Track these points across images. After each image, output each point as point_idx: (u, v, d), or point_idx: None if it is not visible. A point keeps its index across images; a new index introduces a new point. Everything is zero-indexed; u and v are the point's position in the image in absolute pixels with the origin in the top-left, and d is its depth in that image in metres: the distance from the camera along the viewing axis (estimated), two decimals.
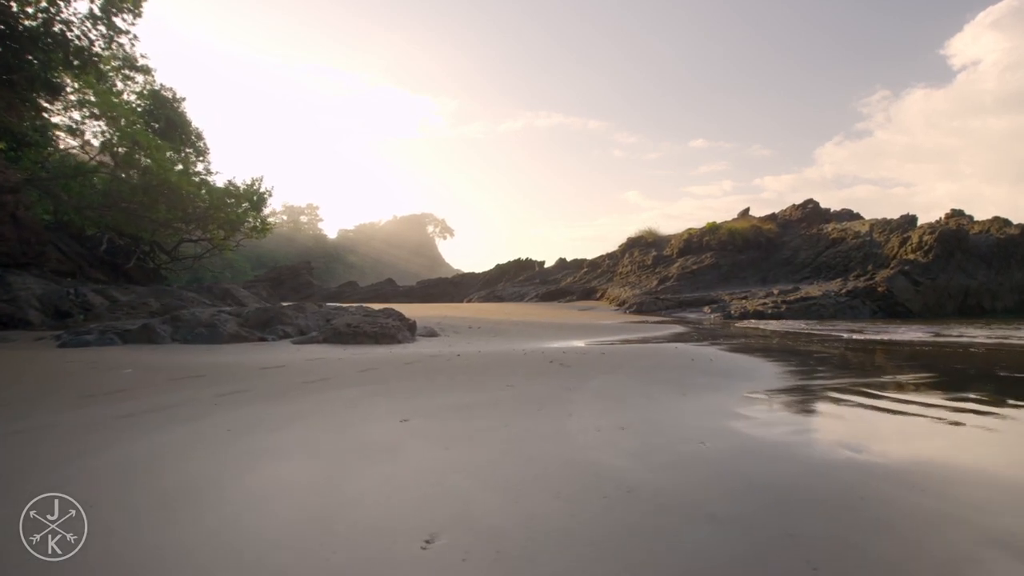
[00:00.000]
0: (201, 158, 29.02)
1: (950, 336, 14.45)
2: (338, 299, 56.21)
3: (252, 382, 6.45)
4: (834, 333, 16.18)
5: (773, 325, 21.51)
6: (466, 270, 70.96)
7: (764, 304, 27.52)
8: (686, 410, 5.05)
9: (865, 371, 8.19)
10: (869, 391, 6.21)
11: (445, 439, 4.00)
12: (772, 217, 42.58)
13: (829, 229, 37.22)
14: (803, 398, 5.83)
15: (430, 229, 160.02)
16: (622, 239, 47.76)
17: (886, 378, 7.32)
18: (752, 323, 23.57)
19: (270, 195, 25.67)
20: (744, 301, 29.77)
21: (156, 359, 8.45)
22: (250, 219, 24.70)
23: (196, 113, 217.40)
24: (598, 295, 38.97)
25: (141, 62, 25.90)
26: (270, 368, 7.56)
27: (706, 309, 29.19)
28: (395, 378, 6.82)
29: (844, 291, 27.30)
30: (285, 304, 15.00)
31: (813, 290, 28.72)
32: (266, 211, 26.54)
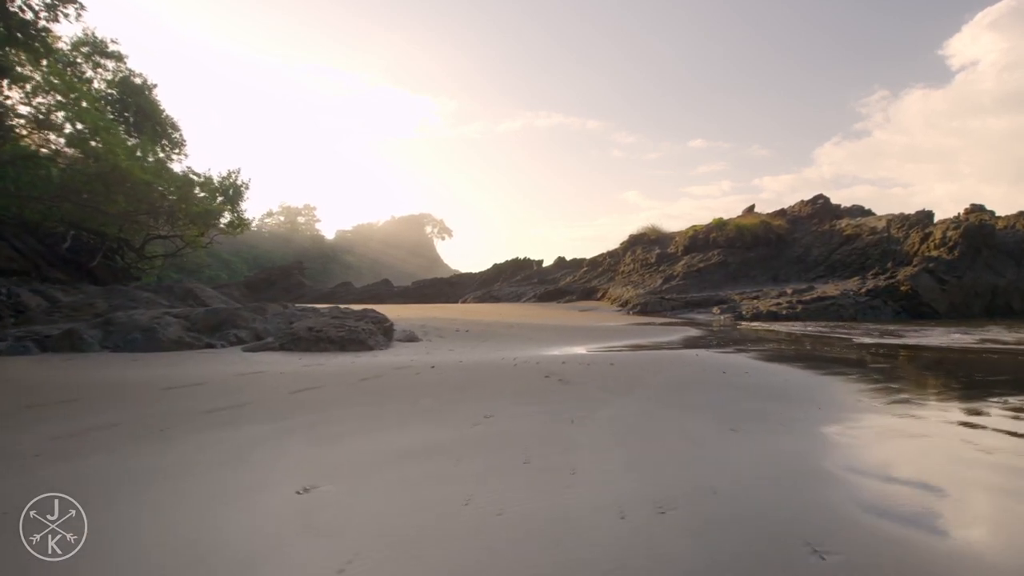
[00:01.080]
0: (177, 151, 27.24)
1: (1005, 342, 12.67)
2: (331, 300, 54.44)
3: (135, 410, 4.68)
4: (869, 337, 14.39)
5: (791, 327, 19.72)
6: (465, 271, 69.27)
7: (778, 304, 25.73)
8: (754, 463, 3.26)
9: (962, 387, 6.41)
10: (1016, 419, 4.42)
11: (353, 537, 2.22)
12: (781, 213, 40.82)
13: (842, 225, 35.46)
14: (928, 435, 4.02)
15: (428, 230, 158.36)
16: (622, 239, 46.06)
17: (995, 399, 5.52)
18: (766, 325, 21.78)
19: (247, 188, 23.92)
20: (756, 301, 27.98)
21: (46, 374, 6.67)
22: (226, 214, 22.95)
23: (196, 112, 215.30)
24: (599, 295, 37.21)
25: (112, 48, 24.18)
26: (180, 387, 5.78)
27: (715, 310, 27.40)
28: (336, 403, 5.04)
29: (864, 290, 25.52)
30: (247, 305, 13.21)
31: (830, 289, 26.93)
32: (244, 205, 24.78)
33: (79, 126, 15.50)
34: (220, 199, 23.21)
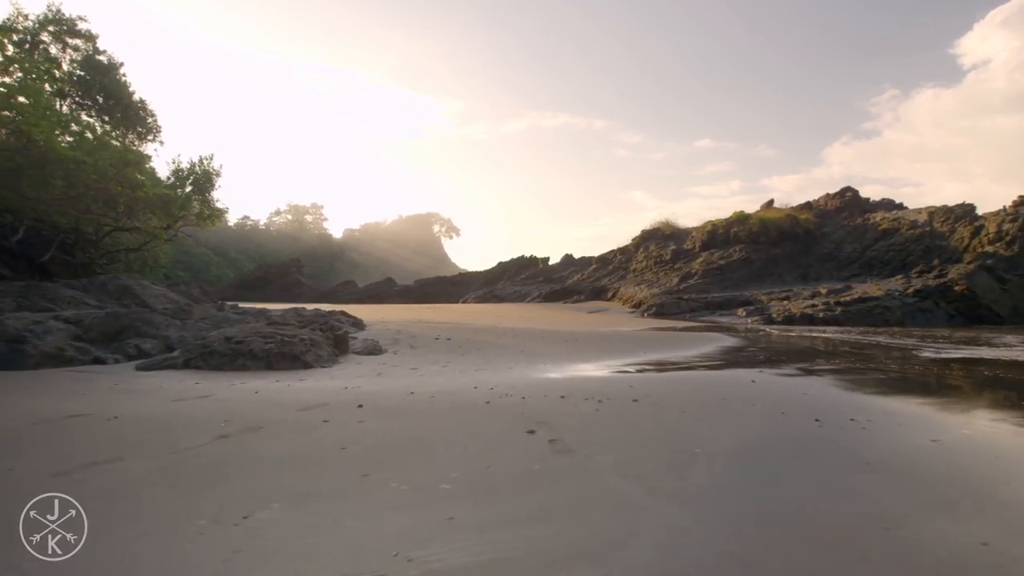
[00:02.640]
0: (151, 136, 24.72)
1: None
2: (329, 299, 52.12)
3: None
4: (933, 350, 11.57)
5: (835, 333, 16.89)
6: (472, 270, 66.68)
7: (813, 306, 22.86)
8: None
9: None
10: None
11: None
12: (807, 206, 37.78)
13: (877, 219, 32.44)
14: None
15: (436, 228, 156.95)
16: (627, 239, 43.15)
17: None
18: (802, 330, 18.96)
19: (218, 175, 21.43)
20: (786, 302, 25.12)
21: None
22: (195, 204, 20.48)
23: (204, 111, 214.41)
24: (609, 295, 34.46)
25: (81, 26, 21.80)
26: None
27: (740, 312, 24.57)
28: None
29: (911, 290, 22.58)
30: (162, 307, 10.62)
31: (872, 289, 24.01)
32: (216, 194, 22.32)
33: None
34: (189, 188, 20.82)
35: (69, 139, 16.29)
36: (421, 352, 9.45)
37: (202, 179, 20.70)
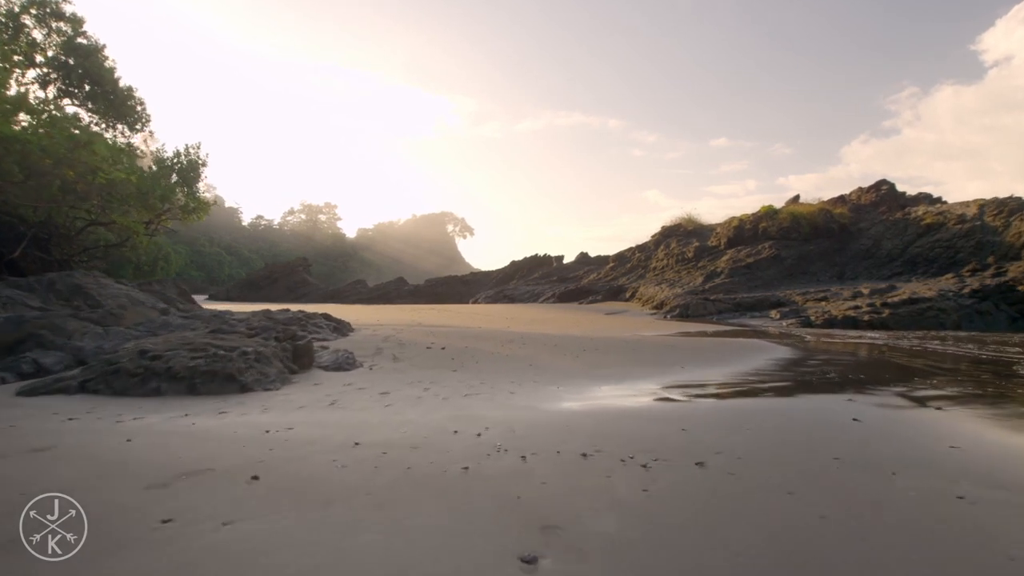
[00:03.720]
0: (140, 125, 23.11)
1: None
2: (337, 299, 50.64)
3: None
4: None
5: (886, 338, 14.75)
6: (485, 269, 64.85)
7: (856, 308, 20.62)
8: None
9: None
10: None
11: None
12: (840, 200, 35.34)
13: (920, 213, 29.97)
14: None
15: (449, 228, 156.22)
16: (642, 238, 40.96)
17: None
18: (845, 334, 16.81)
19: (204, 164, 19.82)
20: (824, 303, 22.88)
21: None
22: (179, 196, 18.87)
23: (216, 112, 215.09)
24: (628, 295, 32.36)
25: (67, 9, 20.25)
26: None
27: (774, 314, 22.38)
28: None
29: (967, 290, 20.25)
30: (89, 310, 8.86)
31: (921, 289, 21.69)
32: (202, 185, 20.67)
33: None
34: (174, 178, 19.25)
35: (32, 123, 14.72)
36: (403, 367, 7.56)
37: (187, 169, 19.07)
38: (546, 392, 5.91)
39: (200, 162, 19.60)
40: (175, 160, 19.14)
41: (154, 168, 19.22)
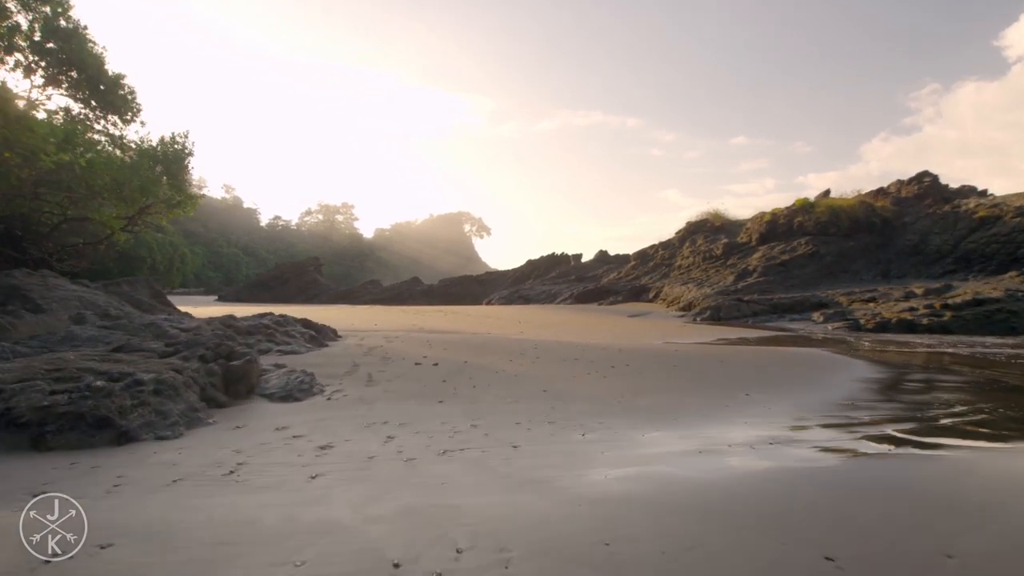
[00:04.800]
0: (130, 115, 21.52)
1: None
2: (349, 299, 49.21)
3: None
4: None
5: (958, 344, 12.56)
6: (502, 269, 62.96)
7: (912, 311, 18.36)
8: None
9: None
10: None
11: None
12: (881, 193, 32.80)
13: (971, 206, 27.44)
14: None
15: (466, 228, 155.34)
16: (661, 238, 38.62)
17: None
18: (906, 340, 14.67)
19: (191, 154, 18.18)
20: (872, 304, 20.63)
21: None
22: (163, 188, 17.25)
23: (236, 111, 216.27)
24: (651, 295, 30.25)
25: None
26: None
27: (816, 316, 20.16)
28: None
29: None
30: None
31: (985, 289, 19.35)
32: (194, 177, 19.10)
33: None
34: (158, 169, 17.67)
35: None
36: (375, 394, 5.70)
37: (172, 159, 17.44)
38: (567, 444, 4.00)
39: (186, 151, 17.92)
40: (158, 149, 17.50)
41: (132, 156, 17.62)
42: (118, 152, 17.86)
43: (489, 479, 3.17)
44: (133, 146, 18.19)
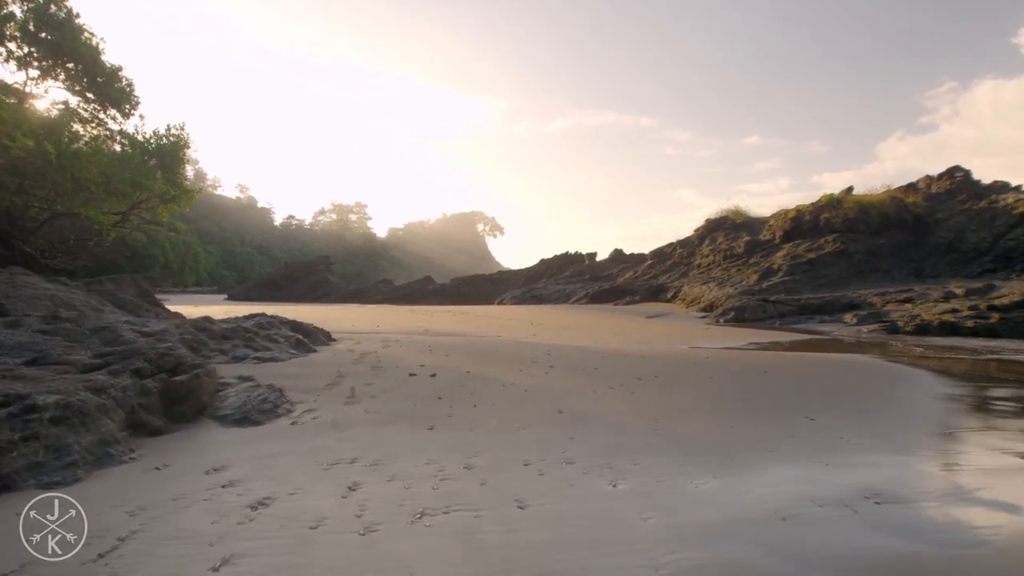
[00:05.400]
0: (128, 106, 20.70)
1: None
2: (359, 299, 48.47)
3: None
4: None
5: (1008, 346, 11.30)
6: (515, 268, 61.86)
7: (954, 312, 17.02)
8: None
9: None
10: None
11: None
12: (912, 188, 31.25)
13: (1010, 201, 25.87)
14: None
15: (480, 227, 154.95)
16: (675, 237, 37.33)
17: None
18: (943, 342, 13.39)
19: (187, 146, 17.33)
20: (909, 305, 19.28)
21: None
22: (159, 182, 16.40)
23: (251, 110, 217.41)
24: (669, 295, 29.02)
25: None
26: None
27: (848, 318, 18.86)
28: None
29: None
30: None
31: None
32: (190, 171, 18.26)
33: None
34: (152, 162, 16.83)
35: None
36: (352, 417, 4.67)
37: (168, 151, 16.56)
38: (593, 501, 2.93)
39: (182, 143, 17.01)
40: (152, 141, 16.63)
41: (126, 147, 16.78)
42: (113, 145, 17.06)
43: (481, 571, 2.11)
44: (125, 139, 17.35)
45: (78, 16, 18.59)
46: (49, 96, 17.50)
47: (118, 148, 16.78)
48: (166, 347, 4.90)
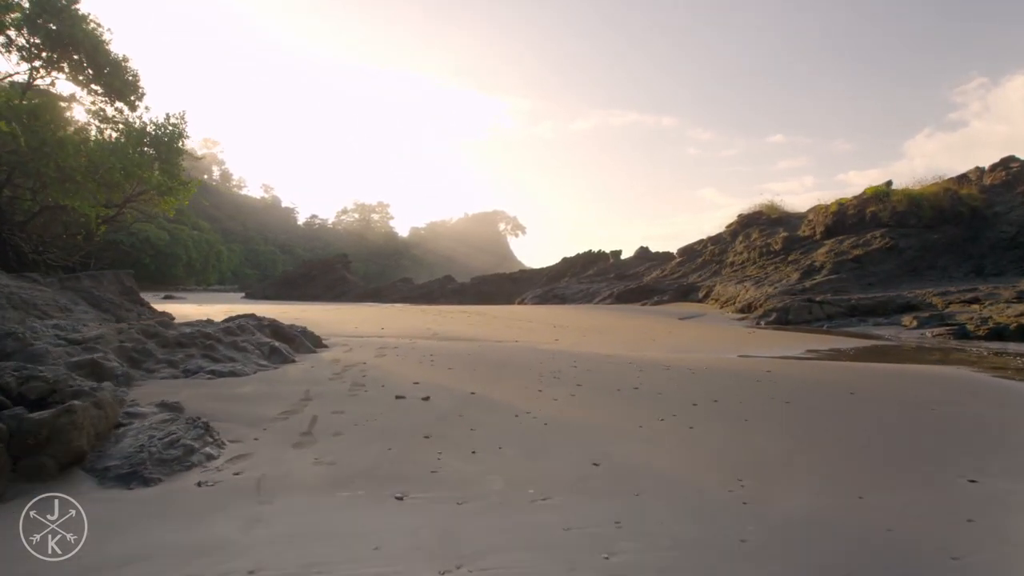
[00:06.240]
0: (134, 96, 19.56)
1: None
2: (377, 298, 47.48)
3: None
4: None
5: None
6: (537, 267, 60.31)
7: None
8: None
9: None
10: None
11: None
12: (963, 180, 28.89)
13: None
14: None
15: (501, 227, 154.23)
16: (698, 237, 35.42)
17: None
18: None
19: (185, 136, 16.18)
20: (977, 306, 17.28)
21: None
22: (156, 173, 15.27)
23: (275, 109, 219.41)
24: (701, 294, 27.19)
25: None
26: None
27: (907, 321, 16.91)
28: None
29: None
30: None
31: None
32: (184, 161, 17.09)
33: None
34: (149, 151, 15.76)
35: None
36: (293, 470, 3.22)
37: (165, 140, 15.40)
38: None
39: (178, 132, 15.82)
40: (149, 131, 15.50)
41: (120, 138, 15.68)
42: (107, 132, 15.99)
43: None
44: (116, 125, 16.21)
45: (78, 1, 17.47)
46: (56, 90, 16.56)
47: (113, 136, 15.70)
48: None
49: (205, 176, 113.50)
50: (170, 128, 15.46)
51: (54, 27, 16.11)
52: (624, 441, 3.92)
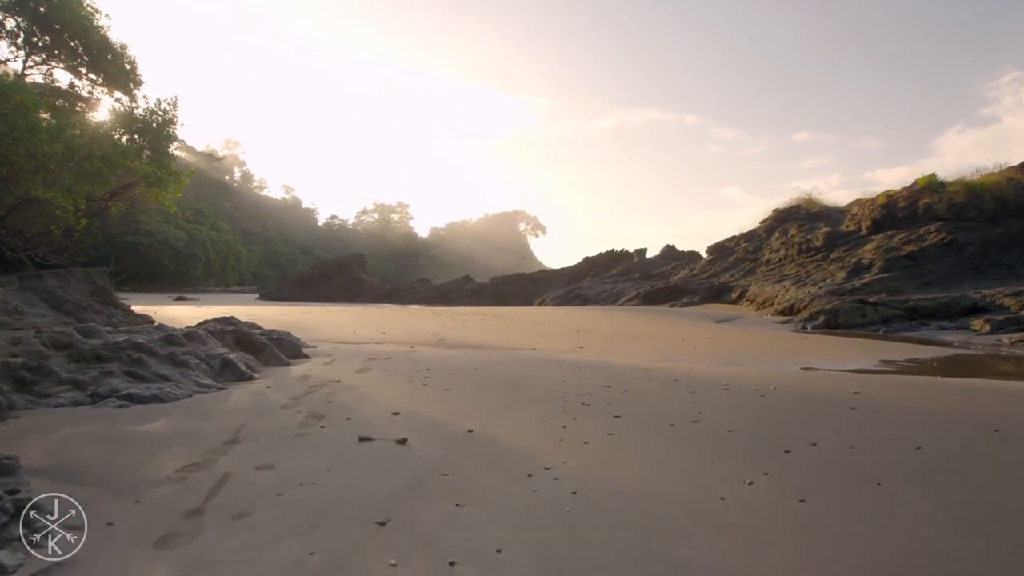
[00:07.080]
0: (133, 83, 18.43)
1: None
2: (393, 298, 46.41)
3: None
4: None
5: None
6: (557, 267, 58.66)
7: None
8: None
9: None
10: None
11: None
12: (1022, 169, 26.50)
13: None
14: None
15: (521, 227, 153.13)
16: (721, 236, 33.51)
17: None
18: None
19: (174, 122, 14.87)
20: None
21: None
22: (143, 162, 14.05)
23: (294, 108, 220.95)
24: (734, 295, 25.32)
25: None
26: None
27: (976, 324, 14.93)
28: None
29: None
30: None
31: None
32: (174, 148, 15.89)
33: None
34: (139, 139, 14.56)
35: None
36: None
37: (156, 128, 14.15)
38: None
39: (169, 118, 14.53)
40: (138, 118, 14.26)
41: (116, 130, 14.52)
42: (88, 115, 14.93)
43: None
44: (107, 111, 15.06)
45: None
46: (55, 81, 15.60)
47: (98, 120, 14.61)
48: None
49: (227, 177, 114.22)
50: (160, 114, 14.21)
51: (43, 9, 15.00)
52: (702, 532, 2.38)
